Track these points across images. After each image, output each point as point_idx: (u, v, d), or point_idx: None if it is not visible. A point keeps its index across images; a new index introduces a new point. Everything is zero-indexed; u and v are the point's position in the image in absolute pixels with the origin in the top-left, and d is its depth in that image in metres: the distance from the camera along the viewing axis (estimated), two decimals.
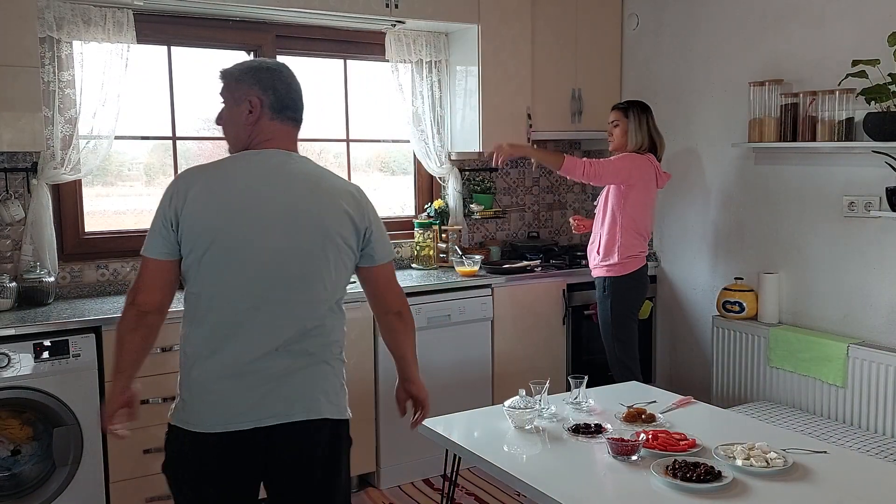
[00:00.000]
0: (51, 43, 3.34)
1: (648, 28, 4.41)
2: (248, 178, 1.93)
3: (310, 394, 1.97)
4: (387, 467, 3.72)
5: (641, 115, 3.72)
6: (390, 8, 3.82)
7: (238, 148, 2.01)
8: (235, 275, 1.88)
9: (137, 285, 1.94)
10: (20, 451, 3.01)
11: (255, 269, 1.89)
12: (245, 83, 1.97)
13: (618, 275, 3.69)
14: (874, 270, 3.39)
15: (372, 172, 4.55)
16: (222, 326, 1.90)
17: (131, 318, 1.93)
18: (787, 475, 2.21)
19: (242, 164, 1.96)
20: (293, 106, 2.01)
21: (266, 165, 1.95)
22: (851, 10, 3.40)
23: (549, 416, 2.71)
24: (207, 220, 1.87)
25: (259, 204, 1.90)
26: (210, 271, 1.89)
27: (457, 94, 4.30)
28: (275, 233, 1.90)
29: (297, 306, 1.93)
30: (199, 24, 3.75)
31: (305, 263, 1.93)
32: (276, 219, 1.91)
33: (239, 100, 1.97)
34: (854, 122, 3.31)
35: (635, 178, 3.64)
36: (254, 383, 1.90)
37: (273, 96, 1.97)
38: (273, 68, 2.02)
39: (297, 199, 1.93)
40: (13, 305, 3.22)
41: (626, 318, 3.75)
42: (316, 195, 1.96)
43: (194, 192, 1.88)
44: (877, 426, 3.29)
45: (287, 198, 1.92)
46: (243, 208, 1.89)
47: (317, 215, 1.94)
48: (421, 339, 3.70)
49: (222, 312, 1.90)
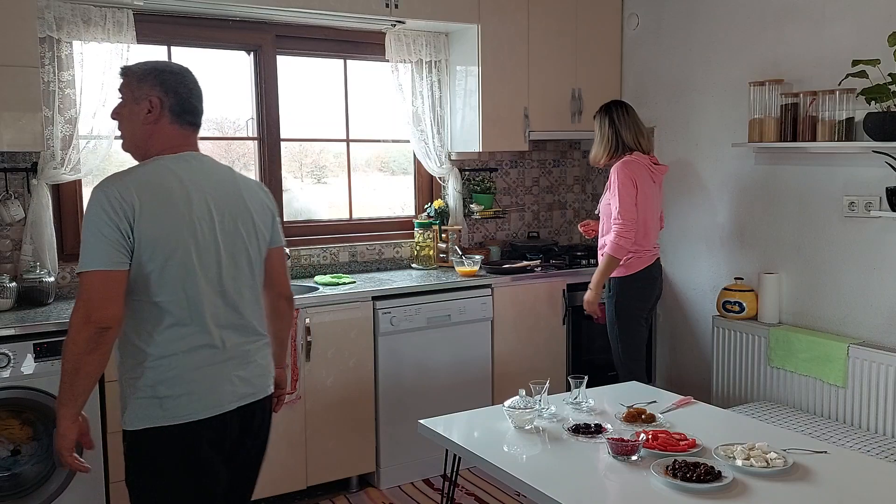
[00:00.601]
0: (51, 43, 3.34)
1: (648, 28, 4.41)
2: (187, 183, 1.99)
3: (266, 370, 2.16)
4: (387, 467, 3.72)
5: (603, 119, 3.71)
6: (390, 8, 3.82)
7: (135, 145, 2.05)
8: (197, 277, 1.96)
9: (91, 301, 1.85)
10: (20, 451, 3.01)
11: (214, 269, 2.00)
12: (147, 83, 2.01)
13: (623, 275, 3.67)
14: (874, 270, 3.39)
15: (372, 172, 4.55)
16: (191, 324, 1.96)
17: (88, 338, 1.84)
18: (787, 475, 2.21)
19: (175, 169, 2.00)
20: (193, 111, 2.07)
21: (198, 170, 2.04)
22: (851, 10, 3.40)
23: (549, 416, 2.71)
24: (164, 228, 1.92)
25: (204, 207, 2.00)
26: (174, 278, 1.94)
27: (457, 94, 4.30)
28: (223, 233, 2.03)
29: (247, 294, 2.09)
30: (199, 24, 3.75)
31: (248, 256, 2.09)
32: (221, 219, 2.03)
33: (139, 98, 2.00)
34: (854, 122, 3.31)
35: (637, 182, 3.60)
36: (230, 368, 2.03)
37: (174, 99, 2.02)
38: (177, 71, 2.07)
39: (233, 198, 2.07)
40: (13, 305, 3.22)
41: (631, 319, 3.71)
42: (243, 193, 2.11)
43: (143, 200, 1.90)
44: (877, 426, 3.29)
45: (224, 199, 2.05)
46: (192, 213, 1.97)
47: (249, 211, 2.10)
48: (421, 338, 3.75)
49: (189, 312, 1.96)
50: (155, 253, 1.91)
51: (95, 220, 1.87)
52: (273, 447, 3.39)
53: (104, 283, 1.86)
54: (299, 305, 3.42)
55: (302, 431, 3.48)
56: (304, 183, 4.36)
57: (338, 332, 3.54)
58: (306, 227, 4.20)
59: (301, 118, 4.14)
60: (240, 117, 4.04)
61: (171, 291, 1.93)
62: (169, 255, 1.92)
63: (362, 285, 3.76)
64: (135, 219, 1.88)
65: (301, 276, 4.05)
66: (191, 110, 2.06)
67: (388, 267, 4.33)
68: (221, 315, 2.01)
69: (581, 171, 4.98)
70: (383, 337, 3.65)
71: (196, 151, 2.08)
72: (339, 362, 3.56)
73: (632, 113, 3.74)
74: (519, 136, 4.27)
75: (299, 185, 4.32)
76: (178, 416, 1.94)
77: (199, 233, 1.97)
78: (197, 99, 2.08)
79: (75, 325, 1.86)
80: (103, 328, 1.85)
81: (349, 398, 3.60)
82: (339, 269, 4.17)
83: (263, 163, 4.00)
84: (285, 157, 4.10)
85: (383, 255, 4.34)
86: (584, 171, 4.97)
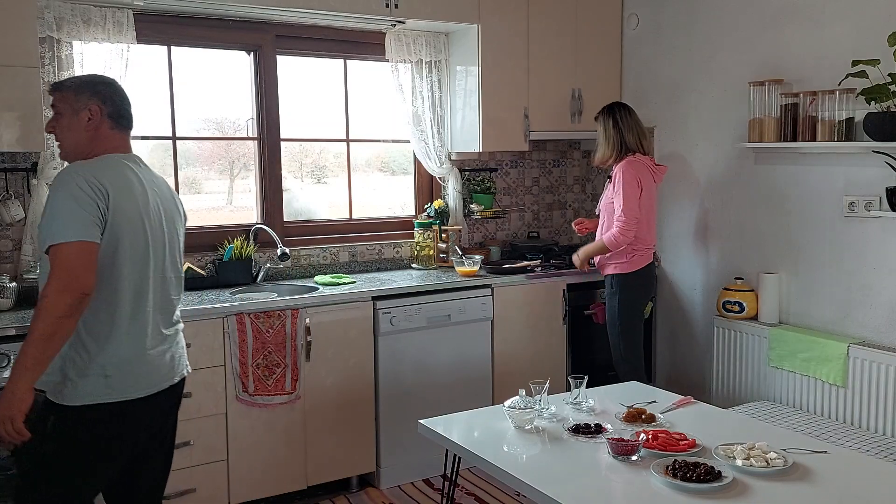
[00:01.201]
0: (51, 43, 3.34)
1: (648, 28, 4.41)
2: (142, 178, 2.24)
3: (184, 354, 2.41)
4: (387, 467, 3.72)
5: (607, 120, 3.78)
6: (390, 8, 3.82)
7: (78, 151, 2.22)
8: (149, 265, 2.20)
9: (73, 270, 1.98)
10: None
11: (160, 259, 2.25)
12: (85, 94, 2.22)
13: (626, 272, 3.75)
14: (874, 270, 3.39)
15: (372, 172, 4.56)
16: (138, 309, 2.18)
17: (68, 304, 1.97)
18: (787, 475, 2.21)
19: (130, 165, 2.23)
20: (128, 116, 2.31)
21: (144, 169, 2.29)
22: (851, 9, 3.40)
23: (549, 416, 2.71)
24: (127, 217, 2.13)
25: (154, 202, 2.25)
26: (122, 263, 2.13)
27: (457, 94, 4.30)
28: (167, 226, 2.29)
29: (177, 283, 2.36)
30: (199, 24, 3.75)
31: (179, 249, 2.38)
32: (165, 215, 2.29)
33: (79, 109, 2.21)
34: (854, 122, 3.31)
35: (642, 182, 3.68)
36: (163, 351, 2.27)
37: (111, 107, 2.25)
38: (109, 83, 2.31)
39: (168, 198, 2.34)
40: (13, 305, 3.22)
41: (633, 315, 3.79)
42: (172, 195, 2.39)
43: (113, 188, 2.10)
44: (877, 426, 3.29)
45: (164, 197, 2.31)
46: (148, 206, 2.22)
47: (178, 212, 2.40)
48: (421, 338, 3.75)
49: (132, 297, 2.16)
50: (116, 238, 2.10)
51: (71, 196, 2.02)
52: (273, 447, 3.41)
53: (83, 252, 2.01)
54: (299, 305, 3.43)
55: (302, 431, 3.48)
56: (304, 183, 4.36)
57: (338, 332, 3.54)
58: (306, 227, 4.20)
59: (301, 118, 4.14)
60: (240, 117, 4.04)
61: (124, 276, 2.13)
62: (129, 242, 2.13)
63: (362, 285, 3.76)
64: (108, 204, 2.07)
65: (301, 276, 4.06)
66: (126, 115, 2.29)
67: (388, 267, 4.33)
68: (161, 301, 2.26)
69: (581, 171, 4.98)
70: (383, 337, 3.65)
71: (132, 153, 2.32)
72: (339, 362, 3.56)
73: (633, 115, 3.80)
74: (519, 136, 4.27)
75: (299, 185, 4.32)
76: (123, 394, 2.14)
77: (152, 224, 2.22)
78: (128, 106, 2.31)
79: (54, 292, 1.97)
80: (85, 294, 2.00)
81: (349, 398, 3.60)
82: (339, 269, 4.17)
83: (263, 163, 4.00)
84: (285, 157, 4.10)
85: (383, 255, 4.34)
86: (584, 171, 4.97)
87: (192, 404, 3.19)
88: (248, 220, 4.04)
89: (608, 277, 3.82)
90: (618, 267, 3.77)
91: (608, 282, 3.82)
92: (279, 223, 4.05)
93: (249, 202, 4.11)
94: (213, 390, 3.26)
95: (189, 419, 3.20)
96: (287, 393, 3.40)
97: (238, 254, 3.80)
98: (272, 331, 3.35)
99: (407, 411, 3.68)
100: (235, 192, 4.18)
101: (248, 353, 3.30)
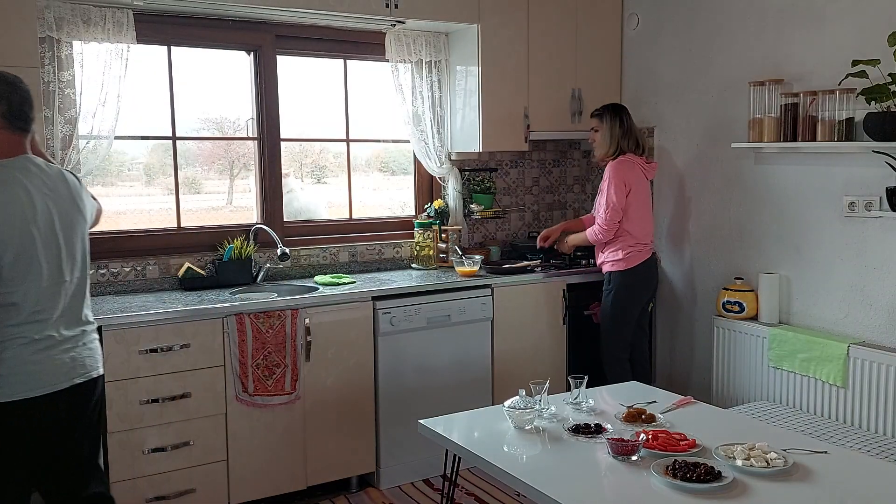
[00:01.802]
0: (51, 43, 3.34)
1: (648, 28, 4.41)
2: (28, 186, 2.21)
3: (95, 355, 2.41)
4: (387, 467, 3.72)
5: (614, 120, 3.90)
6: (390, 8, 3.82)
7: None
8: (42, 273, 2.21)
9: None
10: None
11: (55, 264, 2.25)
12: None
13: (623, 269, 3.87)
14: (874, 270, 3.39)
15: (372, 172, 4.56)
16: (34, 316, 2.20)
17: None
18: (787, 475, 2.22)
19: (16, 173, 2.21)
20: (25, 117, 2.26)
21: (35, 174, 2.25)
22: (851, 10, 3.40)
23: (549, 416, 2.71)
24: (12, 227, 2.14)
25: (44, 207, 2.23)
26: (19, 271, 2.16)
27: (457, 94, 4.30)
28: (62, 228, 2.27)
29: (81, 285, 2.35)
30: (199, 24, 3.75)
31: (82, 248, 2.36)
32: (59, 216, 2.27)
33: None
34: (854, 122, 3.31)
35: (631, 182, 3.82)
36: (62, 351, 2.27)
37: (6, 107, 2.21)
38: (11, 81, 2.25)
39: (65, 196, 2.31)
40: None
41: (625, 313, 3.90)
42: (70, 188, 2.35)
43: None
44: (877, 426, 3.29)
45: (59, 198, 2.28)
46: (36, 213, 2.20)
47: (76, 202, 2.35)
48: (421, 339, 3.75)
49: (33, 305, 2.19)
50: (4, 250, 2.12)
51: None
52: (273, 447, 3.41)
53: None
54: (299, 305, 3.43)
55: (302, 431, 3.48)
56: (304, 183, 4.36)
57: (338, 333, 3.54)
58: (306, 227, 4.20)
59: (301, 118, 4.14)
60: (240, 117, 4.04)
61: (17, 285, 2.16)
62: (17, 252, 2.15)
63: (362, 285, 3.76)
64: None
65: (301, 276, 4.05)
66: (23, 117, 2.25)
67: (388, 267, 4.33)
68: (62, 305, 2.27)
69: (581, 171, 4.98)
70: (383, 337, 3.65)
71: (29, 154, 2.29)
72: (339, 362, 3.55)
73: (631, 118, 3.97)
74: (519, 136, 4.27)
75: (299, 185, 4.32)
76: (12, 395, 2.17)
77: (42, 231, 2.21)
78: (28, 107, 2.27)
79: None
80: None
81: (349, 398, 3.60)
82: (339, 269, 4.17)
83: (263, 163, 4.00)
84: (285, 157, 4.10)
85: (383, 255, 4.34)
86: (584, 171, 4.97)
87: (192, 404, 3.19)
88: (248, 220, 4.04)
89: (606, 275, 3.95)
90: (614, 265, 3.89)
91: (605, 278, 3.96)
92: (279, 223, 4.05)
93: (249, 202, 4.11)
94: (212, 390, 3.26)
95: (189, 419, 3.20)
96: (287, 393, 3.40)
97: (238, 254, 3.80)
98: (272, 331, 3.35)
99: (407, 411, 3.67)
100: (235, 192, 4.18)
101: (248, 354, 3.30)
